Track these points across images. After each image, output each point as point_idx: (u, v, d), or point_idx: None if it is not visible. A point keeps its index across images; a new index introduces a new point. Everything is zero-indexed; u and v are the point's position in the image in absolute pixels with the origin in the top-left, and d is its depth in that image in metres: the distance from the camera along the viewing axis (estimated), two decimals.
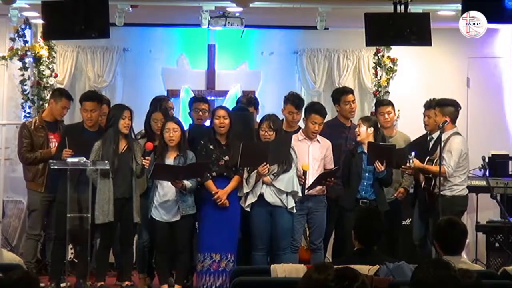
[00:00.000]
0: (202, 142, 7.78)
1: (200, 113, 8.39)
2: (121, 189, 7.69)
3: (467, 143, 8.70)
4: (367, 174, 7.87)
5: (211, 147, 7.75)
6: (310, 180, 7.75)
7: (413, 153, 7.78)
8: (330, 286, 3.35)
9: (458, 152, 7.91)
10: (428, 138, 8.27)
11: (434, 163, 7.87)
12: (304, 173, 7.73)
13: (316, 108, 8.06)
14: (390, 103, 8.68)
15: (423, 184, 8.11)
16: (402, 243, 8.40)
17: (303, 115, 8.20)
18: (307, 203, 7.85)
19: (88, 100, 8.08)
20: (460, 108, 8.15)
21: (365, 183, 7.88)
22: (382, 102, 8.85)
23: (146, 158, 7.60)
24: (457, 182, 7.95)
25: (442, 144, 7.84)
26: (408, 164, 7.76)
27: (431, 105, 8.29)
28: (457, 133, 8.02)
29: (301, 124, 8.27)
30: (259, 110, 8.86)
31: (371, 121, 8.05)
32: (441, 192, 7.81)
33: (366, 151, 7.85)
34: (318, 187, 7.85)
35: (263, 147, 7.61)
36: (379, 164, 7.70)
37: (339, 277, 3.38)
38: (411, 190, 8.49)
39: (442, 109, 7.99)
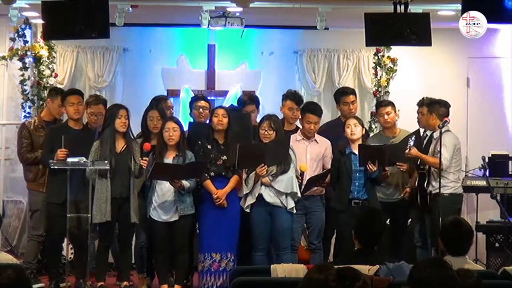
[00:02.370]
0: (199, 142, 7.78)
1: (201, 110, 8.38)
2: (119, 189, 7.68)
3: (467, 143, 8.74)
4: (357, 174, 7.87)
5: (208, 146, 7.75)
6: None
7: (413, 138, 7.86)
8: (332, 286, 3.35)
9: (452, 147, 8.01)
10: (423, 135, 8.32)
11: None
12: (302, 173, 7.73)
13: (310, 108, 8.09)
14: (389, 104, 8.65)
15: (416, 182, 8.16)
16: (404, 243, 8.39)
17: None
18: (305, 202, 7.85)
19: (71, 94, 8.18)
20: (449, 105, 8.19)
21: (356, 183, 7.87)
22: (381, 103, 8.82)
23: (144, 158, 7.61)
24: (452, 179, 8.01)
25: (435, 141, 7.96)
26: (407, 150, 7.81)
27: (424, 103, 8.43)
28: (448, 130, 8.07)
29: (299, 123, 8.29)
30: (259, 109, 8.87)
31: (362, 121, 8.16)
32: (437, 191, 7.85)
33: (355, 151, 7.85)
34: (314, 188, 7.85)
35: (261, 149, 7.61)
36: (372, 164, 7.72)
37: (340, 277, 3.38)
38: None
39: (435, 111, 8.08)
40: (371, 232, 5.44)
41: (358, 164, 7.83)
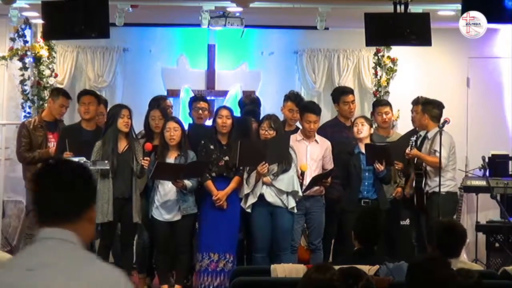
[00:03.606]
0: (202, 142, 7.78)
1: (200, 111, 8.39)
2: (121, 189, 7.67)
3: (467, 143, 8.70)
4: (367, 173, 7.89)
5: (211, 147, 7.75)
6: (307, 181, 7.76)
7: (414, 138, 7.90)
8: (336, 285, 3.36)
9: (448, 146, 8.07)
10: (417, 135, 8.35)
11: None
12: (302, 173, 7.73)
13: (309, 107, 8.11)
14: (388, 104, 8.71)
15: (413, 183, 8.19)
16: (402, 243, 8.40)
17: None
18: (305, 203, 7.85)
19: (83, 94, 8.22)
20: (443, 107, 8.21)
21: (366, 183, 7.90)
22: (380, 102, 8.87)
23: (145, 158, 7.61)
24: (449, 178, 8.04)
25: (430, 141, 8.05)
26: (409, 149, 7.84)
27: (419, 101, 8.47)
28: (443, 130, 8.10)
29: (299, 124, 8.29)
30: (260, 110, 8.87)
31: (370, 120, 8.15)
32: (434, 190, 7.90)
33: (363, 151, 7.88)
34: (315, 188, 7.85)
35: (261, 146, 7.61)
36: (379, 164, 7.74)
37: (343, 276, 3.39)
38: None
39: (428, 112, 8.14)
40: (371, 232, 5.44)
41: (366, 164, 7.86)
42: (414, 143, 7.96)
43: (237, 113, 8.51)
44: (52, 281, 2.45)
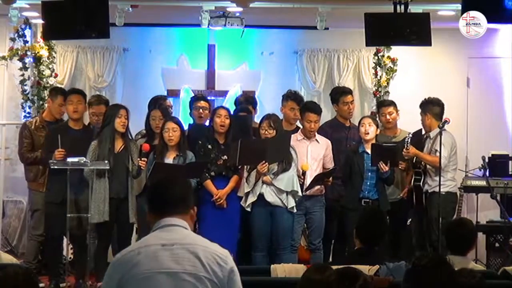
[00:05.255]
0: (200, 142, 7.78)
1: (201, 110, 8.40)
2: (116, 189, 7.65)
3: (467, 143, 8.65)
4: (369, 173, 7.89)
5: (209, 146, 7.75)
6: (308, 180, 7.76)
7: (409, 136, 7.93)
8: (333, 286, 3.36)
9: (449, 146, 8.11)
10: (413, 133, 8.36)
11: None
12: (304, 173, 7.74)
13: (309, 107, 8.11)
14: (392, 103, 8.70)
15: (412, 182, 8.21)
16: (404, 244, 8.41)
17: None
18: (305, 203, 7.86)
19: (72, 93, 8.20)
20: (443, 104, 8.23)
21: (368, 183, 7.90)
22: (383, 103, 8.87)
23: (142, 159, 7.59)
24: (449, 178, 8.06)
25: (432, 141, 8.08)
26: (405, 148, 7.85)
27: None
28: (444, 129, 8.11)
29: (299, 124, 8.29)
30: (257, 110, 8.86)
31: (376, 120, 8.15)
32: (434, 189, 7.90)
33: (368, 150, 7.88)
34: (316, 187, 7.85)
35: (262, 145, 7.61)
36: (383, 164, 7.74)
37: (341, 276, 3.39)
38: None
39: (430, 111, 8.19)
40: (373, 232, 5.44)
41: (370, 164, 7.85)
42: (410, 141, 7.95)
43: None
44: (186, 252, 3.57)
